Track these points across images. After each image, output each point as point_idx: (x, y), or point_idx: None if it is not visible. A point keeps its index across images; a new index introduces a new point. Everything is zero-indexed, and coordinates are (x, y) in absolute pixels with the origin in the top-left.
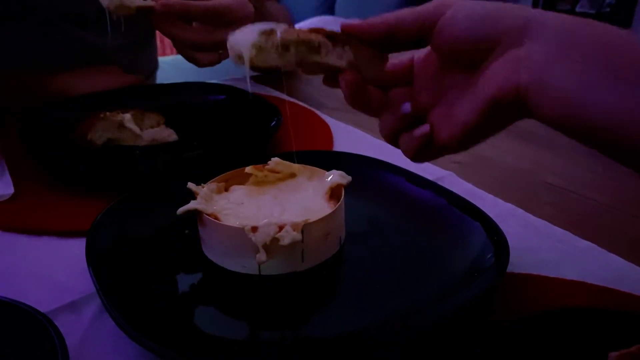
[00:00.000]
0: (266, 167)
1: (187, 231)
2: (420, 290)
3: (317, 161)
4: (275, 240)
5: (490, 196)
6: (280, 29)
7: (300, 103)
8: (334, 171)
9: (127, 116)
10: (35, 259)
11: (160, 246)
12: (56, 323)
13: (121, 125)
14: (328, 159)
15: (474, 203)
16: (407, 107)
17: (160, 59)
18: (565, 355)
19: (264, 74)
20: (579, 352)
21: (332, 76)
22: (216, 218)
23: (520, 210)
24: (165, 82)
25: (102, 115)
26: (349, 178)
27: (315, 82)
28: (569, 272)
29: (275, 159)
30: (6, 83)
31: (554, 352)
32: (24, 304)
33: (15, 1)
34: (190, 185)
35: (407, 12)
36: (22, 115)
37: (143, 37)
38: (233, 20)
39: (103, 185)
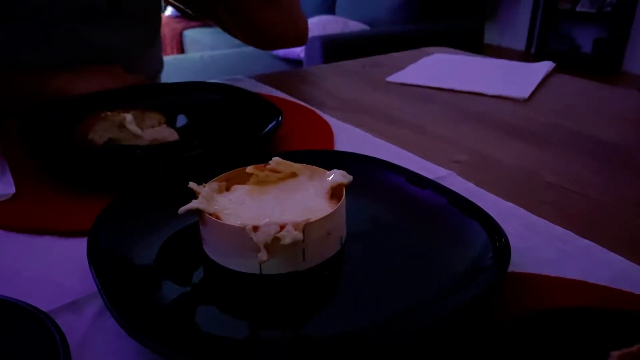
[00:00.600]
0: (267, 166)
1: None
2: (421, 289)
3: (318, 161)
4: (276, 239)
5: (491, 195)
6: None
7: (301, 103)
8: (335, 170)
9: (129, 117)
10: (36, 258)
11: (162, 245)
12: (58, 322)
13: (122, 125)
14: (329, 159)
15: (475, 202)
16: None
17: None
18: (566, 355)
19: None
20: (580, 351)
21: None
22: (217, 217)
23: (521, 210)
24: (166, 81)
25: (102, 115)
26: (350, 177)
27: (316, 82)
28: (570, 271)
29: (276, 159)
30: (6, 83)
31: (555, 351)
32: (26, 303)
33: (17, 1)
34: (192, 184)
35: None
36: (22, 115)
37: (148, 36)
38: None
39: (104, 185)
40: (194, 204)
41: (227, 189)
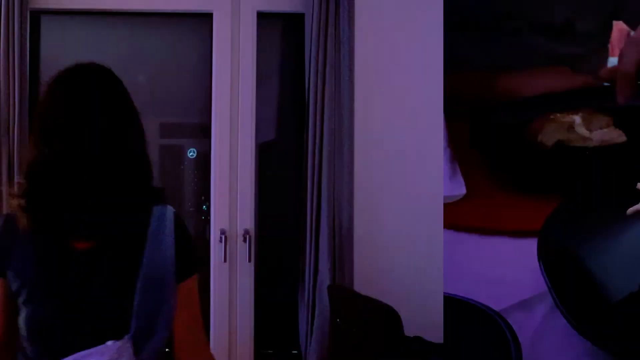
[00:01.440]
0: None
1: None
2: None
3: None
4: None
5: None
6: None
7: None
8: None
9: (577, 119)
10: (486, 258)
11: (612, 245)
12: (508, 320)
13: (570, 127)
14: None
15: None
16: None
17: None
18: None
19: None
20: None
21: None
22: None
23: None
24: None
25: (551, 117)
26: None
27: None
28: None
29: None
30: (459, 82)
31: None
32: (476, 301)
33: (486, 11)
34: None
35: None
36: (472, 116)
37: None
38: None
39: (553, 185)
40: None
41: None
